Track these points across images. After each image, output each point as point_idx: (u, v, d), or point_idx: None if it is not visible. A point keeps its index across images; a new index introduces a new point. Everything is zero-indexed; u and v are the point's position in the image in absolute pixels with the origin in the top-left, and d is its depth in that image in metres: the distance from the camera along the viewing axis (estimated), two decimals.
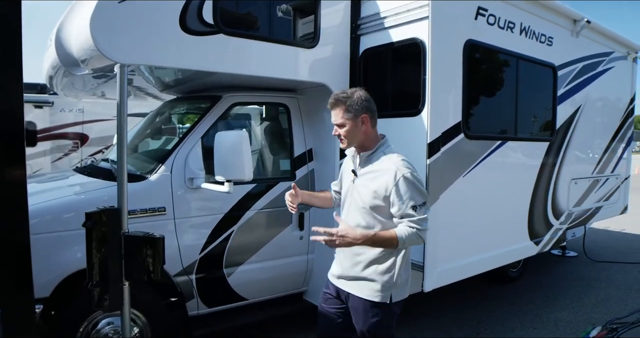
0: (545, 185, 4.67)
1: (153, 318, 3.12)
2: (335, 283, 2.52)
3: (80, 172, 3.94)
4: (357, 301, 2.41)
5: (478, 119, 3.87)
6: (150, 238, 2.25)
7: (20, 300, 1.40)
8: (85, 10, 2.68)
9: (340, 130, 2.36)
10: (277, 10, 3.52)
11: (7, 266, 1.34)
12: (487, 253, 4.04)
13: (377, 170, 2.32)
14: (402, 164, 2.28)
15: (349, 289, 2.45)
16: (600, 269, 6.35)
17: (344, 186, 2.53)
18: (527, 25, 4.13)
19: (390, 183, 2.23)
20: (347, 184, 2.49)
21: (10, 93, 1.34)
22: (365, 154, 2.38)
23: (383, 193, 2.26)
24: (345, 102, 2.33)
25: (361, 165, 2.41)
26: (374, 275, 2.37)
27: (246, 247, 3.57)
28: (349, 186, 2.46)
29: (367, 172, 2.36)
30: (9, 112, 1.33)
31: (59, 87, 4.29)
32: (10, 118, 1.34)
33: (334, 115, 2.37)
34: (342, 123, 2.34)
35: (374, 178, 2.31)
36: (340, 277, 2.49)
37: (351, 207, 2.42)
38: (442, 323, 4.38)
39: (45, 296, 2.75)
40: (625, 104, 6.22)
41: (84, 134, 8.23)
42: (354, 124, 2.33)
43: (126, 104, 2.48)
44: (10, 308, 1.38)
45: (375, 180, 2.29)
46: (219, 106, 3.58)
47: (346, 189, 2.49)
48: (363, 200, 2.33)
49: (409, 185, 2.24)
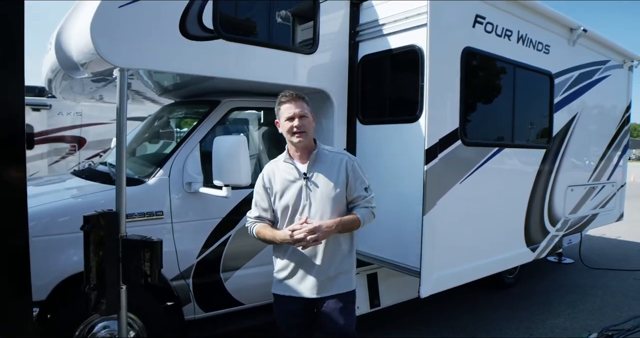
0: (542, 192, 4.69)
1: (149, 323, 3.11)
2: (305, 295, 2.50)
3: (78, 175, 3.94)
4: (337, 299, 2.52)
5: (475, 126, 3.89)
6: (148, 242, 2.25)
7: (18, 302, 1.39)
8: (85, 14, 2.70)
9: (303, 121, 2.42)
10: (277, 16, 3.53)
11: (6, 268, 1.34)
12: (483, 260, 4.04)
13: (331, 163, 2.52)
14: (347, 153, 2.64)
15: (327, 292, 2.50)
16: (596, 276, 6.37)
17: (287, 195, 2.49)
18: (524, 33, 4.16)
19: (346, 170, 2.51)
20: (292, 192, 2.48)
21: (11, 95, 1.34)
22: (313, 154, 2.51)
23: (343, 180, 2.50)
24: (304, 98, 2.49)
25: (311, 165, 2.49)
26: (348, 266, 2.59)
27: (243, 251, 3.57)
28: (297, 191, 2.47)
29: (321, 168, 2.50)
30: (10, 115, 1.34)
31: (57, 91, 4.29)
32: (11, 120, 1.34)
33: (297, 106, 2.44)
34: (305, 114, 2.45)
35: (331, 171, 2.49)
36: (312, 287, 2.49)
37: (310, 208, 2.46)
38: (438, 329, 4.38)
39: (42, 299, 2.75)
40: (621, 112, 6.25)
41: (81, 137, 8.22)
42: (311, 119, 2.50)
43: (126, 108, 2.48)
44: (8, 311, 1.37)
45: (334, 172, 2.49)
46: (218, 111, 3.59)
47: (294, 196, 2.47)
48: (327, 195, 2.46)
49: (359, 169, 2.56)
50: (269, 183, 2.55)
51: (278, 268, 2.59)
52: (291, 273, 2.53)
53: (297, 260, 2.51)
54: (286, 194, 2.50)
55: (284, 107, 2.46)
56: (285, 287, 2.55)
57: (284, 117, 2.46)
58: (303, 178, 2.47)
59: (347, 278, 2.59)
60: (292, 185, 2.48)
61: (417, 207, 3.32)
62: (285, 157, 2.54)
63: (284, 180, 2.51)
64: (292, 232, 2.36)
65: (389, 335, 4.20)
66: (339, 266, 2.54)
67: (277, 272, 2.60)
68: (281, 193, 2.51)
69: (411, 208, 3.36)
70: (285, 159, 2.54)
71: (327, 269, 2.50)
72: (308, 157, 2.51)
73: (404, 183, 3.46)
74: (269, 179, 2.55)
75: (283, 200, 2.50)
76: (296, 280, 2.52)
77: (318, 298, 2.50)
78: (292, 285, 2.53)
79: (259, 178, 2.60)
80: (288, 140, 2.51)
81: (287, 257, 2.54)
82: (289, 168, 2.52)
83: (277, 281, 2.60)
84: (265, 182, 2.55)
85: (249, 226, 2.62)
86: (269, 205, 2.56)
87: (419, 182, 3.31)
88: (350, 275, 2.61)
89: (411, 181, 3.38)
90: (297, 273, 2.52)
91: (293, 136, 2.44)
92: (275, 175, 2.54)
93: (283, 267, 2.56)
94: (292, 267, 2.52)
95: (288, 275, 2.54)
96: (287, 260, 2.54)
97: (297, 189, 2.47)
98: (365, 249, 3.71)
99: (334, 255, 2.52)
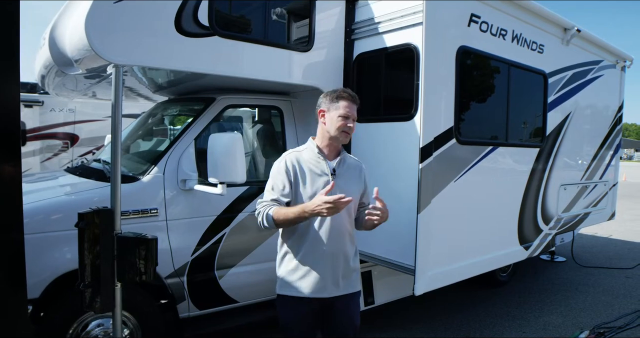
0: (535, 190, 4.72)
1: (144, 320, 3.11)
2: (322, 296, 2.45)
3: (71, 172, 3.92)
4: (350, 297, 2.53)
5: (470, 125, 3.91)
6: (143, 240, 2.24)
7: (13, 300, 1.38)
8: (80, 9, 2.68)
9: (352, 124, 2.45)
10: (272, 13, 3.53)
11: (1, 265, 1.33)
12: (477, 258, 4.06)
13: (353, 168, 2.58)
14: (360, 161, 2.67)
15: (342, 291, 2.49)
16: (588, 274, 6.43)
17: (314, 186, 2.40)
18: (519, 32, 4.18)
19: (365, 178, 2.62)
20: (318, 184, 2.40)
21: (7, 92, 1.33)
22: (342, 155, 2.52)
23: (362, 187, 2.59)
24: (359, 103, 2.52)
25: (339, 165, 2.49)
26: (358, 264, 2.64)
27: (238, 249, 3.57)
28: (322, 186, 2.38)
29: (347, 170, 2.53)
30: (5, 111, 1.33)
31: (50, 87, 4.26)
32: (6, 116, 1.34)
33: (352, 108, 2.45)
34: (355, 118, 2.48)
35: (352, 175, 2.55)
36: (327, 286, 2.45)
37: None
38: (432, 327, 4.40)
39: (35, 297, 2.73)
40: (614, 112, 6.31)
41: (74, 134, 8.17)
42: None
43: (121, 105, 2.47)
44: (3, 308, 1.37)
45: (355, 177, 2.57)
46: (213, 108, 3.58)
47: (319, 189, 2.38)
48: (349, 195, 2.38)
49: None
50: (293, 171, 2.42)
51: (289, 269, 2.46)
52: (308, 273, 2.43)
53: (312, 260, 2.42)
54: (312, 185, 2.41)
55: (343, 104, 2.42)
56: (300, 288, 2.44)
57: (338, 113, 2.41)
58: (332, 174, 2.44)
59: (357, 277, 2.60)
60: (319, 178, 2.42)
61: (411, 205, 3.33)
62: (316, 150, 2.46)
63: (310, 171, 2.43)
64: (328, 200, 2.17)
65: (382, 333, 4.22)
66: (352, 264, 2.55)
67: (288, 272, 2.47)
68: (306, 183, 2.41)
69: (406, 206, 3.37)
70: (317, 151, 2.46)
71: (344, 267, 2.49)
72: (335, 156, 2.50)
73: (399, 181, 3.47)
74: (292, 166, 2.42)
75: (308, 190, 2.40)
76: (311, 281, 2.43)
77: (334, 297, 2.47)
78: (309, 286, 2.43)
79: (281, 163, 2.44)
80: (331, 135, 2.44)
81: (303, 256, 2.44)
82: (317, 161, 2.45)
83: (288, 282, 2.47)
84: (289, 168, 2.42)
85: (262, 210, 2.38)
86: (289, 191, 2.41)
87: (413, 181, 3.32)
88: (359, 274, 2.64)
89: (406, 179, 3.39)
90: (315, 273, 2.42)
91: (342, 134, 2.42)
92: (301, 164, 2.44)
93: (297, 266, 2.44)
94: (309, 267, 2.43)
95: (304, 275, 2.43)
96: (304, 260, 2.44)
97: (323, 183, 2.40)
98: (360, 247, 3.69)
99: (349, 253, 2.52)
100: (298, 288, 2.45)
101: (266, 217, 2.34)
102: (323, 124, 2.47)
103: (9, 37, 1.32)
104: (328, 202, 2.14)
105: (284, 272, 2.49)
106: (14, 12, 1.34)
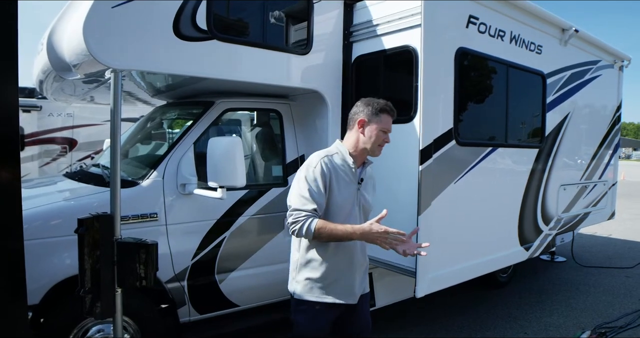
0: (535, 191, 4.72)
1: (144, 325, 3.09)
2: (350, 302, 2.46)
3: (70, 177, 3.90)
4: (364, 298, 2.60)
5: (469, 126, 3.91)
6: (144, 245, 2.23)
7: (13, 306, 1.37)
8: (78, 14, 2.67)
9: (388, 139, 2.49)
10: (270, 16, 3.53)
11: (1, 271, 1.32)
12: (478, 259, 4.06)
13: (371, 176, 2.65)
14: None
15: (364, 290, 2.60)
16: (589, 274, 6.43)
17: (343, 195, 2.37)
18: (517, 33, 4.18)
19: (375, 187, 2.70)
20: (347, 193, 2.39)
21: (5, 96, 1.32)
22: (369, 165, 2.57)
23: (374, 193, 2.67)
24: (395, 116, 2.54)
25: (364, 174, 2.51)
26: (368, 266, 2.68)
27: (238, 253, 3.56)
28: (352, 194, 2.41)
29: (368, 179, 2.57)
30: (4, 116, 1.32)
31: (49, 92, 4.25)
32: (5, 121, 1.33)
33: (390, 123, 2.47)
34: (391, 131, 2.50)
35: (370, 185, 2.62)
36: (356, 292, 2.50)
37: (360, 213, 2.48)
38: (432, 328, 4.39)
39: (35, 303, 2.72)
40: (612, 112, 6.32)
41: (73, 138, 8.16)
42: None
43: (120, 110, 2.46)
44: (3, 314, 1.36)
45: (373, 186, 2.65)
46: (212, 112, 3.57)
47: (349, 198, 2.40)
48: (370, 204, 2.55)
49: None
50: (329, 174, 2.31)
51: (318, 276, 2.38)
52: (337, 279, 2.40)
53: (345, 267, 2.41)
54: (343, 192, 2.36)
55: (386, 118, 2.42)
56: (330, 294, 2.39)
57: (380, 126, 2.41)
58: (359, 183, 2.45)
59: (367, 278, 2.67)
60: (348, 186, 2.39)
61: (412, 207, 3.33)
62: (350, 158, 2.41)
63: (342, 178, 2.37)
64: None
65: (384, 335, 4.20)
66: (367, 267, 2.64)
67: (316, 279, 2.39)
68: (339, 190, 2.35)
69: (406, 208, 3.36)
70: (351, 160, 2.40)
71: (364, 271, 2.59)
72: (361, 163, 2.51)
73: (399, 183, 3.47)
74: (328, 170, 2.31)
75: (339, 198, 2.34)
76: (342, 287, 2.41)
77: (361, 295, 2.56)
78: (338, 292, 2.40)
79: (317, 168, 2.30)
80: (368, 147, 2.43)
81: (334, 264, 2.39)
82: (349, 168, 2.40)
83: (317, 288, 2.39)
84: (326, 173, 2.30)
85: (301, 220, 2.23)
86: (325, 198, 2.31)
87: (413, 183, 3.31)
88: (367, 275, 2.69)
89: (406, 181, 3.38)
90: (343, 279, 2.41)
91: (378, 148, 2.44)
92: (336, 170, 2.36)
93: (325, 274, 2.38)
94: (339, 273, 2.40)
95: (332, 282, 2.39)
96: (334, 267, 2.39)
97: (353, 191, 2.41)
98: None
99: (367, 258, 2.63)
100: (328, 294, 2.39)
101: (307, 230, 2.22)
102: (361, 134, 2.42)
103: (8, 42, 1.32)
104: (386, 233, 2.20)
105: (311, 278, 2.40)
106: (11, 15, 1.33)
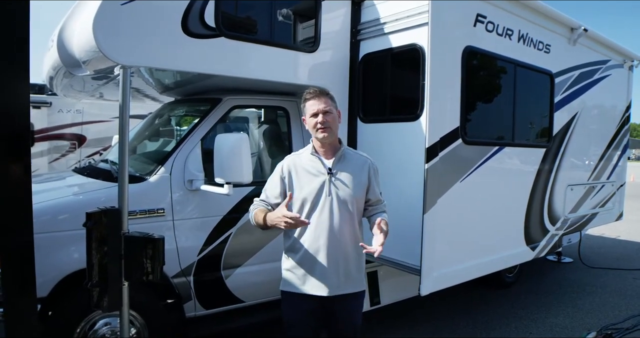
0: (542, 190, 4.70)
1: (150, 320, 3.12)
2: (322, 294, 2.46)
3: (79, 172, 3.95)
4: (352, 297, 2.53)
5: (476, 125, 3.90)
6: (151, 239, 2.26)
7: (23, 299, 1.40)
8: (88, 11, 2.70)
9: (327, 117, 2.42)
10: (278, 14, 3.54)
11: (11, 265, 1.34)
12: (483, 258, 4.06)
13: (355, 164, 2.53)
14: (368, 156, 2.62)
15: (343, 290, 2.49)
16: (595, 275, 6.39)
17: (308, 188, 2.44)
18: (525, 32, 4.17)
19: (368, 172, 2.54)
20: (313, 185, 2.44)
21: (17, 93, 1.35)
22: (340, 152, 2.50)
23: (365, 182, 2.52)
24: (328, 94, 2.50)
25: (337, 162, 2.48)
26: (362, 264, 2.62)
27: (244, 249, 3.58)
28: (318, 186, 2.43)
29: (346, 167, 2.49)
30: (15, 112, 1.35)
31: (58, 88, 4.30)
32: (16, 118, 1.35)
33: (320, 102, 2.43)
34: (329, 110, 2.45)
35: (354, 171, 2.50)
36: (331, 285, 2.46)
37: (332, 204, 2.43)
38: (437, 327, 4.39)
39: (43, 296, 2.75)
40: (621, 112, 6.26)
41: (82, 135, 8.22)
42: (336, 115, 2.49)
43: (129, 106, 2.49)
44: (13, 307, 1.38)
45: (357, 173, 2.51)
46: (219, 109, 3.59)
47: (315, 189, 2.43)
48: (350, 193, 2.46)
49: (378, 173, 2.62)
50: (288, 174, 2.49)
51: (291, 266, 2.51)
52: (309, 270, 2.46)
53: (312, 258, 2.44)
54: (307, 187, 2.44)
55: (309, 104, 2.46)
56: (301, 285, 2.48)
57: (308, 114, 2.45)
58: (328, 173, 2.45)
59: (361, 276, 2.59)
60: (315, 179, 2.44)
61: (417, 205, 3.33)
62: (312, 151, 2.50)
63: (307, 173, 2.47)
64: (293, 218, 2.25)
65: (389, 333, 4.22)
66: (355, 263, 2.54)
67: (290, 269, 2.52)
68: (301, 186, 2.45)
69: (412, 206, 3.37)
70: (312, 152, 2.49)
71: (346, 266, 2.48)
72: (333, 154, 2.50)
73: (405, 181, 3.47)
74: (288, 171, 2.49)
75: (303, 192, 2.44)
76: (315, 278, 2.45)
77: (335, 296, 2.47)
78: (309, 283, 2.46)
79: (278, 168, 2.54)
80: (314, 136, 2.48)
81: (303, 254, 2.46)
82: (314, 161, 2.48)
83: (290, 279, 2.51)
84: (284, 173, 2.50)
85: (251, 208, 2.58)
86: (279, 193, 2.50)
87: (419, 181, 3.32)
88: (363, 274, 2.62)
89: (412, 180, 3.39)
90: (315, 270, 2.44)
91: (317, 132, 2.42)
92: (297, 167, 2.49)
93: (298, 264, 2.48)
94: (309, 265, 2.45)
95: (305, 273, 2.47)
96: (304, 257, 2.46)
97: (319, 183, 2.43)
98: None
99: (350, 252, 2.50)
100: (298, 285, 2.49)
101: (250, 216, 2.55)
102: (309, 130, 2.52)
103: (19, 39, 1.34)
104: (286, 217, 2.24)
105: (287, 269, 2.55)
106: (23, 13, 1.36)
